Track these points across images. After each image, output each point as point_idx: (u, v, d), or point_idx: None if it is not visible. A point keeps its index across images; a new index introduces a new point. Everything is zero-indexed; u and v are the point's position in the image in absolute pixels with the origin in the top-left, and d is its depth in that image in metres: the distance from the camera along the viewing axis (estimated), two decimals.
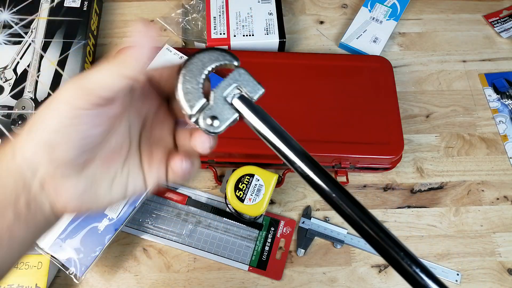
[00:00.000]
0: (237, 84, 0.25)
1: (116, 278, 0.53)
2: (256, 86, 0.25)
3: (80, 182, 0.25)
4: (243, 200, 0.51)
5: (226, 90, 0.25)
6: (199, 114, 0.24)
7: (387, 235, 0.24)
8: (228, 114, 0.25)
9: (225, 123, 0.25)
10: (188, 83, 0.24)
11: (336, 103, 0.58)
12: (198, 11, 0.68)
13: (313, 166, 0.25)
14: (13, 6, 0.64)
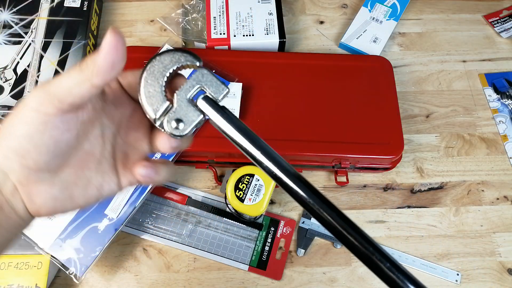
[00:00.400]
0: (200, 84, 0.24)
1: (116, 278, 0.53)
2: (220, 86, 0.24)
3: (53, 186, 0.25)
4: (243, 200, 0.51)
5: (189, 92, 0.24)
6: (164, 117, 0.24)
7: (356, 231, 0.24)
8: (193, 116, 0.24)
9: (190, 126, 0.24)
10: (150, 87, 0.24)
11: (336, 103, 0.58)
12: (198, 11, 0.68)
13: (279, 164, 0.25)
14: (13, 6, 0.64)
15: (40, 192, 0.25)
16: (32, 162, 0.24)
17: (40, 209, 0.25)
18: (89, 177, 0.27)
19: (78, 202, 0.26)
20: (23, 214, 0.25)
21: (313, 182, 0.59)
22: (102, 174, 0.27)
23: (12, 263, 0.50)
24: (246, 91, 0.58)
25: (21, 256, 0.50)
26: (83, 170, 0.26)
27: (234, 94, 0.57)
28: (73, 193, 0.26)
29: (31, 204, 0.25)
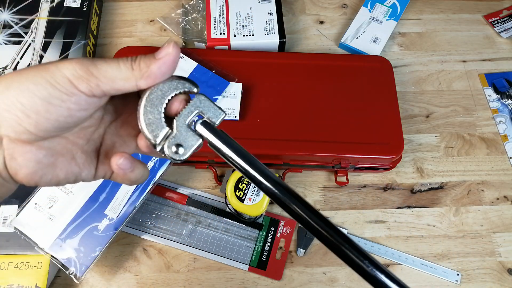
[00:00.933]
0: (199, 110, 0.25)
1: (116, 278, 0.53)
2: (217, 111, 0.26)
3: (40, 149, 0.24)
4: (243, 200, 0.51)
5: (188, 118, 0.25)
6: (164, 142, 0.25)
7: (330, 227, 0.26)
8: (192, 141, 0.25)
9: (190, 150, 0.25)
10: (150, 114, 0.25)
11: (336, 103, 0.58)
12: (198, 11, 0.68)
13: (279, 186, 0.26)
14: (13, 6, 0.64)
15: (25, 152, 0.24)
16: (34, 125, 0.23)
17: (20, 169, 0.24)
18: (75, 153, 0.27)
19: (58, 175, 0.26)
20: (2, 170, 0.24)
21: (313, 182, 0.59)
22: (86, 155, 0.27)
23: (12, 263, 0.50)
24: (246, 91, 0.58)
25: (21, 256, 0.50)
26: (73, 144, 0.26)
27: (234, 94, 0.57)
28: (56, 163, 0.26)
29: (11, 161, 0.24)
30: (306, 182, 0.60)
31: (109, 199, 0.52)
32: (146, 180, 0.29)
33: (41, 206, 0.51)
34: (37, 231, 0.50)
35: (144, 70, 0.24)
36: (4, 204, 0.52)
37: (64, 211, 0.51)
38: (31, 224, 0.50)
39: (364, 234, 0.57)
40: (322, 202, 0.58)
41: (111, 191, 0.52)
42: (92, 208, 0.51)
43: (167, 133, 0.25)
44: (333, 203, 0.58)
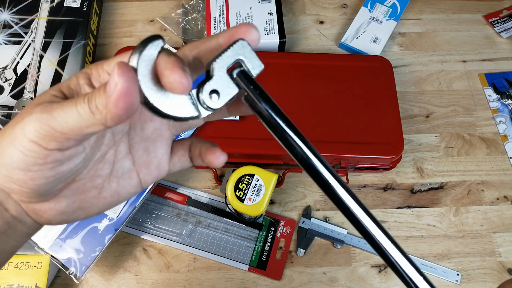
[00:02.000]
0: (240, 57, 0.22)
1: (116, 278, 0.53)
2: (257, 61, 0.23)
3: (59, 202, 0.23)
4: (243, 200, 0.51)
5: (228, 63, 0.22)
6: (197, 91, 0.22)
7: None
8: (230, 89, 0.22)
9: (226, 98, 0.22)
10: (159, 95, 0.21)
11: (336, 103, 0.58)
12: (198, 11, 0.68)
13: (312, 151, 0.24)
14: (13, 6, 0.64)
15: (46, 209, 0.23)
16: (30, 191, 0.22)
17: (50, 222, 0.24)
18: (101, 185, 0.24)
19: (90, 212, 0.24)
20: (31, 225, 0.24)
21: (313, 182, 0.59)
22: (118, 179, 0.25)
23: (12, 263, 0.50)
24: None
25: (21, 256, 0.50)
26: (93, 180, 0.24)
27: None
28: (83, 205, 0.24)
29: (40, 219, 0.23)
30: (306, 182, 0.60)
31: None
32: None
33: None
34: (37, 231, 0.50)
35: (104, 112, 0.19)
36: None
37: None
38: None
39: None
40: (322, 202, 0.58)
41: None
42: None
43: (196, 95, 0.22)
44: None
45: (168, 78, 0.19)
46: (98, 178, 0.24)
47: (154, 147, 0.25)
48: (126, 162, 0.25)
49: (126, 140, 0.25)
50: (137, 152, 0.25)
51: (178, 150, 0.27)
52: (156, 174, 0.26)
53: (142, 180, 0.26)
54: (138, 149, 0.25)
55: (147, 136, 0.25)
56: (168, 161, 0.26)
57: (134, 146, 0.25)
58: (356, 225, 0.24)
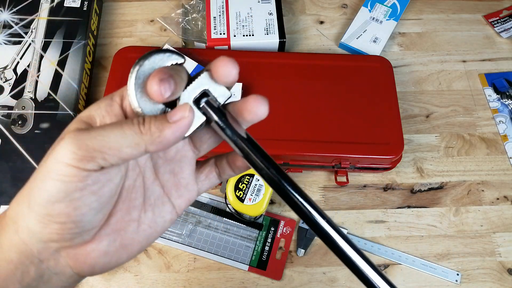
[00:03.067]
0: (205, 88, 0.23)
1: (116, 278, 0.53)
2: (223, 90, 0.24)
3: (101, 242, 0.22)
4: (243, 200, 0.51)
5: (194, 94, 0.23)
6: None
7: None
8: (196, 118, 0.23)
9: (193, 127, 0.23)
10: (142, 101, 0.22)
11: (336, 103, 0.58)
12: (198, 11, 0.68)
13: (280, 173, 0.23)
14: (13, 6, 0.64)
15: (88, 253, 0.22)
16: (74, 225, 0.21)
17: (93, 269, 0.23)
18: (138, 217, 0.24)
19: (133, 250, 0.24)
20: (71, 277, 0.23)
21: (313, 182, 0.60)
22: (152, 207, 0.24)
23: None
24: (246, 91, 0.58)
25: None
26: (129, 212, 0.23)
27: (234, 94, 0.57)
28: (124, 241, 0.23)
29: (82, 266, 0.22)
30: (306, 182, 0.60)
31: None
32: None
33: None
34: None
35: (156, 135, 0.20)
36: (4, 204, 0.52)
37: None
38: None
39: (364, 234, 0.57)
40: (322, 202, 0.58)
41: None
42: None
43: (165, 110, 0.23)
44: (333, 203, 0.58)
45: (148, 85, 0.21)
46: (133, 210, 0.24)
47: (180, 168, 0.25)
48: (155, 188, 0.25)
49: (150, 165, 0.25)
50: (164, 176, 0.25)
51: (204, 168, 0.27)
52: (188, 196, 0.26)
53: (176, 205, 0.25)
54: (164, 172, 0.25)
55: (171, 158, 0.25)
56: (195, 180, 0.26)
57: (159, 170, 0.25)
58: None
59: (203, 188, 0.27)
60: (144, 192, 0.24)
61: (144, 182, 0.24)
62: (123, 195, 0.23)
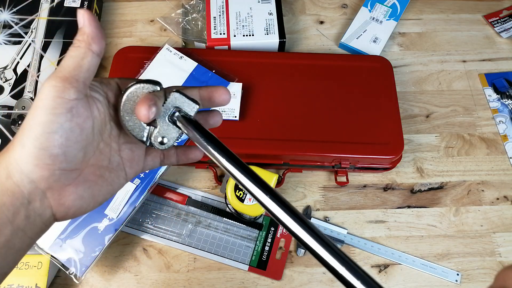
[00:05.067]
0: (175, 106, 0.29)
1: (116, 278, 0.53)
2: (191, 105, 0.29)
3: (78, 186, 0.27)
4: (243, 200, 0.51)
5: (167, 114, 0.29)
6: (151, 138, 0.29)
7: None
8: (173, 133, 0.29)
9: (172, 141, 0.29)
10: (130, 122, 0.29)
11: (336, 103, 0.58)
12: (198, 11, 0.68)
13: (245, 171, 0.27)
14: (13, 6, 0.64)
15: (69, 193, 0.26)
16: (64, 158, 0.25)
17: (68, 210, 0.26)
18: (103, 174, 0.29)
19: (98, 200, 0.28)
20: (49, 219, 0.26)
21: (313, 182, 0.59)
22: (113, 171, 0.29)
23: None
24: (246, 91, 0.58)
25: None
26: (99, 168, 0.28)
27: (234, 94, 0.57)
28: (94, 192, 0.28)
29: (60, 207, 0.26)
30: (306, 182, 0.60)
31: (109, 199, 0.52)
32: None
33: None
34: None
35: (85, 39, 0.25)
36: None
37: None
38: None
39: (364, 234, 0.57)
40: (322, 202, 0.58)
41: None
42: None
43: (150, 131, 0.29)
44: (333, 203, 0.58)
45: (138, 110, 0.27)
46: (101, 168, 0.29)
47: (136, 148, 0.31)
48: (117, 157, 0.30)
49: (117, 140, 0.30)
50: (124, 151, 0.31)
51: (152, 152, 0.33)
52: (136, 169, 0.32)
53: (127, 173, 0.31)
54: (125, 148, 0.31)
55: (131, 140, 0.31)
56: (143, 159, 0.32)
57: (121, 146, 0.31)
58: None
59: (147, 167, 0.33)
60: (110, 158, 0.30)
61: (110, 152, 0.30)
62: (96, 153, 0.28)
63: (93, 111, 0.27)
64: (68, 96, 0.24)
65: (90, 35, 0.25)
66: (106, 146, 0.29)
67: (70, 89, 0.24)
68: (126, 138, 0.31)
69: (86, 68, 0.25)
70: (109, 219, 0.51)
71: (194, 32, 0.67)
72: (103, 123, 0.28)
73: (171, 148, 0.33)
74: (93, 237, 0.50)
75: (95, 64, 0.26)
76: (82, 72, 0.25)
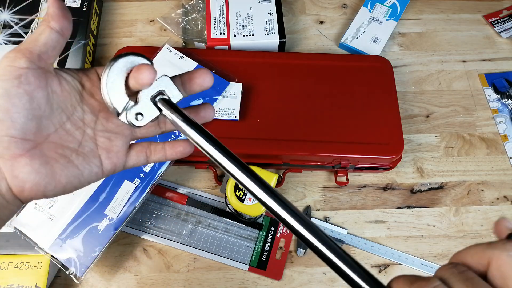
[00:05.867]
0: (161, 88, 0.29)
1: (116, 278, 0.53)
2: (176, 92, 0.29)
3: (34, 158, 0.26)
4: (243, 200, 0.51)
5: (152, 93, 0.29)
6: (126, 111, 0.29)
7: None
8: (151, 111, 0.29)
9: (148, 119, 0.29)
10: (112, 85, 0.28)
11: (336, 103, 0.58)
12: (198, 11, 0.68)
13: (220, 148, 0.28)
14: (13, 6, 0.64)
15: (22, 165, 0.26)
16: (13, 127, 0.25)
17: (24, 184, 0.26)
18: (69, 155, 0.28)
19: (60, 180, 0.28)
20: (6, 193, 0.26)
21: (313, 182, 0.59)
22: (83, 155, 0.29)
23: (12, 263, 0.50)
24: (246, 91, 0.58)
25: (21, 256, 0.51)
26: (63, 148, 0.28)
27: (234, 94, 0.57)
28: (54, 170, 0.27)
29: (14, 180, 0.26)
30: (306, 182, 0.60)
31: (109, 199, 0.52)
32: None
33: (41, 206, 0.51)
34: (37, 231, 0.50)
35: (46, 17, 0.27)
36: None
37: (64, 211, 0.51)
38: (31, 224, 0.50)
39: (364, 234, 0.57)
40: (322, 202, 0.58)
41: (111, 191, 0.52)
42: (92, 208, 0.51)
43: (128, 104, 0.28)
44: (333, 203, 0.58)
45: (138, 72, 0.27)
46: (66, 149, 0.28)
47: (115, 137, 0.31)
48: (91, 143, 0.30)
49: (93, 126, 0.30)
50: (100, 139, 0.30)
51: (137, 147, 0.33)
52: (115, 161, 0.31)
53: (103, 163, 0.30)
54: (101, 136, 0.30)
55: (110, 128, 0.31)
56: (125, 153, 0.32)
57: (98, 133, 0.30)
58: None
59: (130, 162, 0.32)
60: (81, 142, 0.29)
61: (83, 135, 0.30)
62: (60, 131, 0.28)
63: (50, 85, 0.27)
64: (18, 64, 0.25)
65: (50, 14, 0.27)
66: (76, 128, 0.29)
67: (21, 58, 0.25)
68: (104, 126, 0.31)
69: (42, 42, 0.26)
70: (109, 219, 0.51)
71: (194, 32, 0.67)
72: (67, 102, 0.28)
73: (158, 144, 0.33)
74: (93, 237, 0.50)
75: (54, 40, 0.27)
76: (37, 45, 0.26)
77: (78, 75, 0.30)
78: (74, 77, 0.29)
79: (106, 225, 0.51)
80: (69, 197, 0.51)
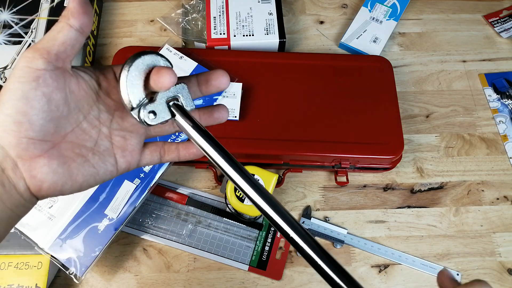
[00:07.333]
0: (178, 94, 0.30)
1: (116, 278, 0.53)
2: (190, 101, 0.30)
3: (52, 159, 0.26)
4: (243, 200, 0.51)
5: (168, 96, 0.29)
6: (139, 108, 0.29)
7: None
8: (164, 114, 0.29)
9: (160, 119, 0.29)
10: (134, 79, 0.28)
11: (336, 103, 0.58)
12: (198, 11, 0.68)
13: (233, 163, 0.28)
14: (13, 6, 0.64)
15: (40, 165, 0.26)
16: (31, 129, 0.25)
17: (42, 184, 0.26)
18: (86, 155, 0.28)
19: (77, 180, 0.28)
20: (24, 192, 0.26)
21: (313, 182, 0.59)
22: (99, 154, 0.29)
23: (12, 263, 0.50)
24: (246, 91, 0.58)
25: (21, 256, 0.51)
26: (79, 147, 0.28)
27: (234, 94, 0.57)
28: (71, 169, 0.27)
29: (32, 180, 0.26)
30: (306, 182, 0.60)
31: (109, 199, 0.52)
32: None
33: (41, 206, 0.51)
34: (37, 231, 0.50)
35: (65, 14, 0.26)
36: None
37: (64, 211, 0.51)
38: (31, 224, 0.50)
39: (364, 234, 0.57)
40: (322, 202, 0.58)
41: (111, 191, 0.52)
42: (92, 208, 0.51)
43: (144, 101, 0.29)
44: (333, 203, 0.58)
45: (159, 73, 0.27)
46: (83, 148, 0.28)
47: (130, 136, 0.31)
48: (106, 142, 0.30)
49: (109, 125, 0.30)
50: (116, 137, 0.30)
51: (151, 146, 0.33)
52: (130, 159, 0.31)
53: (118, 161, 0.30)
54: (116, 135, 0.30)
55: (125, 127, 0.31)
56: (139, 151, 0.32)
57: (113, 132, 0.30)
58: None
59: (144, 161, 0.32)
60: (97, 141, 0.29)
61: (99, 134, 0.29)
62: (77, 130, 0.28)
63: (68, 85, 0.27)
64: (36, 66, 0.25)
65: (70, 10, 0.26)
66: (92, 127, 0.29)
67: (39, 59, 0.25)
68: (119, 125, 0.30)
69: (60, 41, 0.25)
70: (109, 219, 0.51)
71: (194, 32, 0.67)
72: (84, 101, 0.28)
73: (172, 144, 0.33)
74: (93, 237, 0.50)
75: (73, 38, 0.26)
76: (55, 45, 0.25)
77: (95, 74, 0.29)
78: (91, 76, 0.29)
79: (106, 225, 0.51)
80: (69, 197, 0.51)
